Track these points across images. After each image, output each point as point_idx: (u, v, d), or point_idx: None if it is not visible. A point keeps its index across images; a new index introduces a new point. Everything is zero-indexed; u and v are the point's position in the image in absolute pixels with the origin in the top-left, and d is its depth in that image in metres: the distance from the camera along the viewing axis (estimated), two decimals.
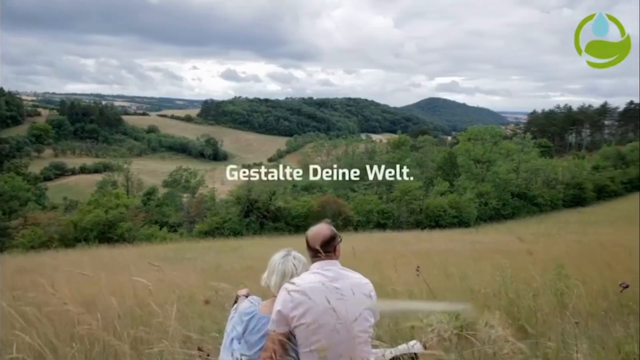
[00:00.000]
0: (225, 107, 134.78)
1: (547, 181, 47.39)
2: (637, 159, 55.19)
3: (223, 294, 4.84)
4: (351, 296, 2.28)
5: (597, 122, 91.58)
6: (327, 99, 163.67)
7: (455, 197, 39.90)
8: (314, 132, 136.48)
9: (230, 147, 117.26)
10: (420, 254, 11.71)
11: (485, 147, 47.65)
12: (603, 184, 49.65)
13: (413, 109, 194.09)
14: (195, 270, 11.24)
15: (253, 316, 2.49)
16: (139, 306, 3.96)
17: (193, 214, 36.12)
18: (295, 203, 36.28)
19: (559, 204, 45.94)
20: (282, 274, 2.45)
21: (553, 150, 73.41)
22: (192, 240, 29.66)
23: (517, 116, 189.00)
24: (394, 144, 61.46)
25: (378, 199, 39.88)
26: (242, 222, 33.93)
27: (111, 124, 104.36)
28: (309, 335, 2.23)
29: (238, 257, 16.93)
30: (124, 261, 15.88)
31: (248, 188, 35.59)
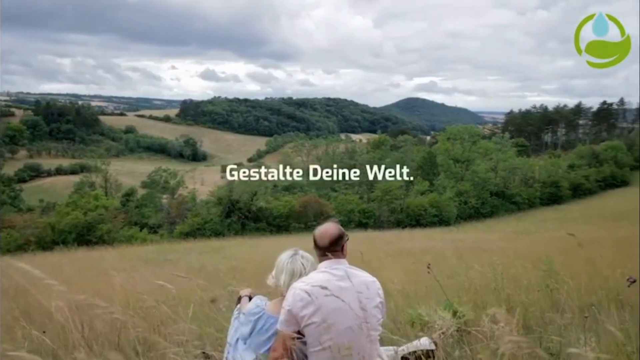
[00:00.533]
0: (204, 107, 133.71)
1: (524, 180, 48.20)
2: (610, 158, 56.53)
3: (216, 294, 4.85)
4: (360, 294, 2.28)
5: (571, 122, 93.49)
6: (307, 99, 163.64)
7: (435, 196, 40.31)
8: (293, 132, 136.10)
9: (209, 148, 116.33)
10: (404, 253, 11.82)
11: (464, 147, 48.26)
12: (578, 182, 50.73)
13: (392, 109, 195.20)
14: (178, 272, 11.14)
15: (261, 316, 2.48)
16: (136, 310, 3.93)
17: (174, 215, 35.75)
18: (277, 203, 36.22)
19: (536, 202, 46.79)
20: (291, 273, 2.44)
21: (530, 149, 74.73)
22: (173, 242, 29.43)
23: (494, 116, 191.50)
24: (374, 144, 61.88)
25: (359, 198, 40.07)
26: (224, 223, 33.73)
27: (88, 124, 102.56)
28: (320, 335, 2.22)
29: (221, 257, 16.83)
30: (105, 263, 15.70)
31: (229, 188, 35.39)
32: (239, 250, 20.82)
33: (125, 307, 4.09)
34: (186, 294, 5.17)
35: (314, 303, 2.22)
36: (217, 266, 12.92)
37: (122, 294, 5.29)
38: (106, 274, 10.18)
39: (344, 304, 2.20)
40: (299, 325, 2.25)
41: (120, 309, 4.09)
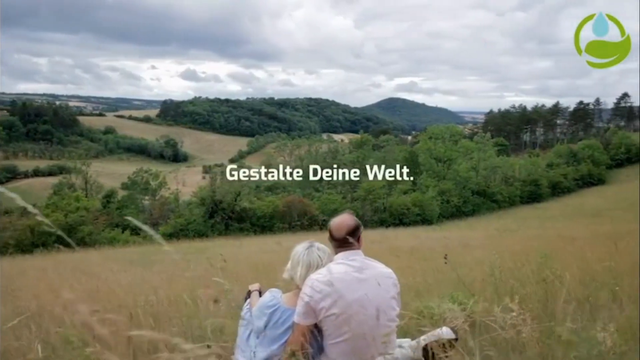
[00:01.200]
0: (185, 108, 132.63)
1: (505, 178, 48.91)
2: (587, 157, 57.69)
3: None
4: (378, 286, 2.28)
5: (549, 122, 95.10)
6: (288, 99, 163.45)
7: (418, 195, 40.65)
8: (275, 133, 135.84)
9: (190, 148, 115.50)
10: (395, 251, 11.88)
11: (446, 146, 48.76)
12: (557, 180, 51.69)
13: (373, 109, 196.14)
14: (166, 273, 11.06)
15: (276, 309, 2.44)
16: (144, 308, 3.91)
17: (156, 216, 35.41)
18: (261, 203, 36.11)
19: (517, 201, 47.53)
20: (308, 265, 2.41)
21: (509, 148, 75.91)
22: (156, 243, 29.06)
23: (473, 116, 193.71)
24: (356, 144, 62.03)
25: (342, 198, 40.18)
26: (207, 224, 33.52)
27: (66, 124, 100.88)
28: (338, 326, 2.21)
29: (207, 257, 16.71)
30: (91, 265, 15.49)
31: (213, 189, 35.20)
32: (226, 250, 20.61)
33: (131, 306, 4.07)
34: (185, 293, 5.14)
35: (332, 295, 2.21)
36: (207, 266, 12.85)
37: (125, 293, 5.27)
38: (102, 275, 10.07)
39: (363, 295, 2.21)
40: (316, 318, 2.25)
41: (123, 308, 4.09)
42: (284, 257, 8.76)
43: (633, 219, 24.36)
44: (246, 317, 2.68)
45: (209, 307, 4.38)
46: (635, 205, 37.62)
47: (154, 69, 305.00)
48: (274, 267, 9.75)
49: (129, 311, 4.18)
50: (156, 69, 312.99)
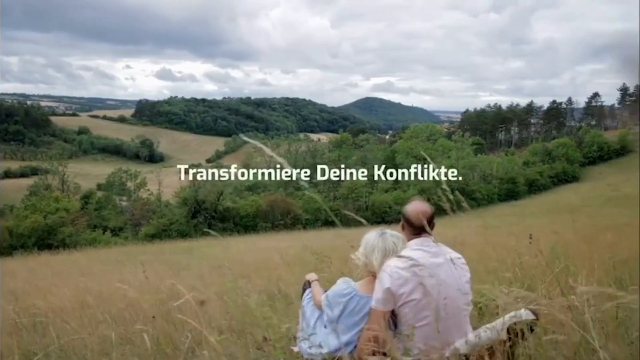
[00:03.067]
0: (160, 107, 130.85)
1: (483, 177, 49.71)
2: (562, 155, 59.08)
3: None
4: (453, 270, 2.33)
5: (524, 121, 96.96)
6: (265, 99, 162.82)
7: (399, 193, 41.03)
8: (252, 132, 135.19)
9: (166, 148, 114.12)
10: None
11: (426, 145, 49.35)
12: (533, 178, 52.81)
13: (350, 109, 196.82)
14: (156, 272, 10.98)
15: (352, 296, 2.44)
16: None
17: (138, 216, 34.94)
18: (243, 203, 35.99)
19: (495, 198, 48.36)
20: (384, 252, 2.42)
21: (485, 147, 77.14)
22: (139, 244, 28.77)
23: (449, 115, 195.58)
24: (335, 143, 62.34)
25: (324, 197, 40.27)
26: (190, 224, 33.26)
27: (38, 125, 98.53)
28: (419, 311, 2.23)
29: (199, 258, 16.62)
30: (77, 267, 15.25)
31: (195, 189, 34.91)
32: (212, 250, 20.56)
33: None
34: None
35: (412, 280, 2.24)
36: (198, 266, 12.80)
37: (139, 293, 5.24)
38: (102, 275, 9.97)
39: (441, 280, 2.24)
40: (395, 304, 2.27)
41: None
42: (278, 255, 8.85)
43: (608, 215, 25.09)
44: (308, 307, 2.73)
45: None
46: (609, 202, 38.78)
47: (128, 69, 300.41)
48: (273, 264, 9.79)
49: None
50: (131, 68, 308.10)
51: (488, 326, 2.24)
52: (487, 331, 2.18)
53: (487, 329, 2.20)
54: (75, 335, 2.87)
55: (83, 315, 3.76)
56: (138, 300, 4.63)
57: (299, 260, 9.53)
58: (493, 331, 2.16)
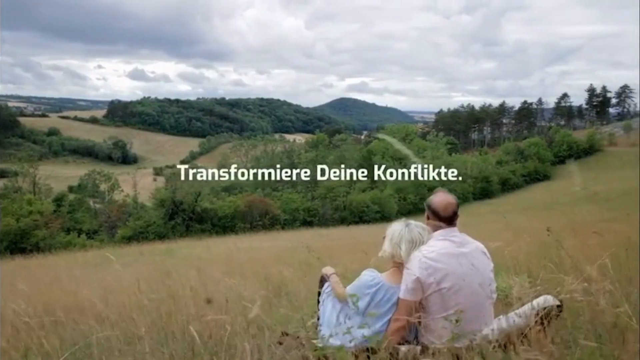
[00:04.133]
0: (133, 108, 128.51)
1: (458, 176, 50.46)
2: (533, 154, 60.47)
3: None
4: (478, 260, 2.40)
5: (496, 121, 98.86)
6: (240, 100, 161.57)
7: (376, 193, 41.35)
8: (227, 133, 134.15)
9: (140, 150, 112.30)
10: (373, 245, 12.14)
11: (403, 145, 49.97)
12: (506, 177, 53.94)
13: (325, 109, 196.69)
14: (148, 274, 10.89)
15: (380, 287, 2.47)
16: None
17: (114, 219, 34.38)
18: (222, 204, 35.76)
19: (470, 197, 49.16)
20: (411, 242, 2.45)
21: (459, 146, 78.31)
22: (116, 246, 28.35)
23: (422, 115, 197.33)
24: (312, 143, 62.50)
25: (302, 197, 40.33)
26: (167, 225, 32.90)
27: (5, 126, 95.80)
28: (447, 300, 2.28)
29: (178, 259, 16.49)
30: (57, 271, 15.02)
31: (172, 190, 34.55)
32: (192, 251, 20.44)
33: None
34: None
35: (441, 269, 2.30)
36: (183, 268, 12.72)
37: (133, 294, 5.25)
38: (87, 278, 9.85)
39: (467, 269, 2.31)
40: (424, 293, 2.32)
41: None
42: (260, 255, 8.95)
43: (578, 212, 25.83)
44: (328, 300, 2.74)
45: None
46: (580, 200, 39.81)
47: (100, 68, 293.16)
48: (259, 263, 9.83)
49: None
50: (103, 68, 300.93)
51: (518, 312, 2.32)
52: (517, 317, 2.26)
53: (517, 315, 2.28)
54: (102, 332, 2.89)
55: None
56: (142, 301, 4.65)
57: (290, 258, 9.62)
58: (523, 317, 2.24)
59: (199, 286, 5.78)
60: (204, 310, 3.79)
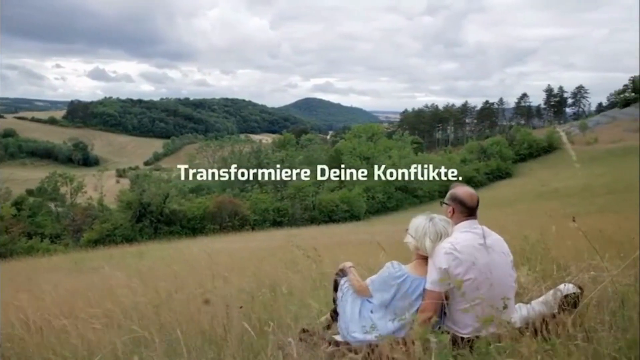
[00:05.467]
0: (94, 108, 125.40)
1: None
2: (496, 152, 62.09)
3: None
4: (500, 251, 2.49)
5: (459, 120, 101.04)
6: (205, 100, 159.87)
7: (345, 192, 41.60)
8: (192, 134, 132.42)
9: (101, 151, 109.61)
10: (353, 244, 12.30)
11: (369, 145, 50.45)
12: (470, 175, 55.06)
13: (290, 109, 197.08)
14: (119, 278, 10.68)
15: (405, 279, 2.51)
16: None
17: (79, 222, 33.44)
18: (190, 205, 35.28)
19: (436, 195, 49.97)
20: (435, 235, 2.50)
21: (424, 146, 79.65)
22: (82, 251, 27.54)
23: (387, 115, 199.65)
24: (279, 144, 62.38)
25: (271, 197, 40.18)
26: (135, 228, 32.24)
27: None
28: (472, 291, 2.32)
29: (153, 262, 16.19)
30: (23, 277, 14.55)
31: (140, 192, 33.87)
32: (164, 254, 20.04)
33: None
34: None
35: (466, 261, 2.36)
36: (161, 270, 12.52)
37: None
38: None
39: (491, 261, 2.39)
40: (449, 284, 2.36)
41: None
42: (241, 255, 8.94)
43: (540, 208, 26.67)
44: (348, 293, 2.78)
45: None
46: (540, 196, 41.10)
47: (58, 68, 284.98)
48: (241, 263, 9.82)
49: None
50: (61, 67, 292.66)
51: (540, 300, 2.44)
52: (540, 305, 2.38)
53: (540, 303, 2.40)
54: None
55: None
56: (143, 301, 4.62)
57: (273, 257, 9.62)
58: (546, 305, 2.36)
59: (190, 287, 5.77)
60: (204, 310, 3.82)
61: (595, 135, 75.02)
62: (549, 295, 2.41)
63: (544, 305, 2.37)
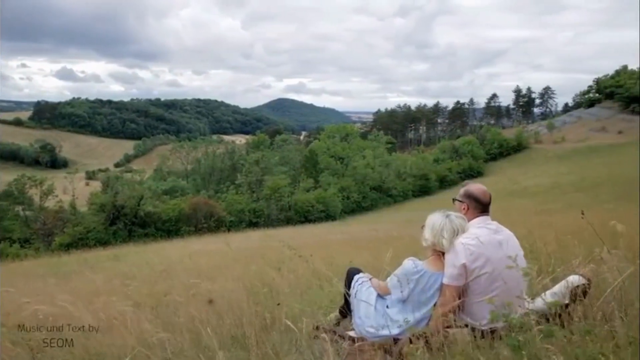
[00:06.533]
0: (62, 109, 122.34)
1: (398, 174, 51.92)
2: (468, 152, 63.22)
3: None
4: (513, 245, 2.59)
5: (431, 120, 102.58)
6: (176, 100, 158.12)
7: (321, 192, 41.73)
8: (163, 135, 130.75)
9: (70, 153, 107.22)
10: (332, 244, 12.36)
11: (343, 145, 50.73)
12: (443, 174, 56.09)
13: (263, 110, 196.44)
14: (95, 283, 10.52)
15: (423, 274, 2.58)
16: None
17: (50, 226, 32.61)
18: (165, 207, 34.82)
19: (409, 194, 50.76)
20: (452, 231, 2.56)
21: (397, 145, 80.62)
22: (54, 255, 26.87)
23: (359, 115, 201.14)
24: (253, 144, 62.21)
25: (247, 198, 40.02)
26: (109, 231, 31.66)
27: None
28: (489, 284, 2.42)
29: (131, 265, 15.93)
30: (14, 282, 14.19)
31: (114, 194, 33.27)
32: (143, 257, 19.67)
33: None
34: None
35: (483, 255, 2.44)
36: (144, 273, 12.35)
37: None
38: None
39: (505, 254, 2.47)
40: (467, 278, 2.45)
41: None
42: (223, 256, 8.94)
43: (512, 206, 27.23)
44: (364, 288, 2.87)
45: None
46: (512, 194, 41.98)
47: (24, 67, 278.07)
48: (226, 264, 9.79)
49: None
50: (27, 67, 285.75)
51: (553, 291, 2.53)
52: (553, 296, 2.47)
53: (552, 294, 2.50)
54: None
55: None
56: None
57: (258, 258, 9.63)
58: (559, 295, 2.46)
59: (183, 288, 5.76)
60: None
61: (562, 134, 77.13)
62: (561, 286, 2.52)
63: (556, 296, 2.47)
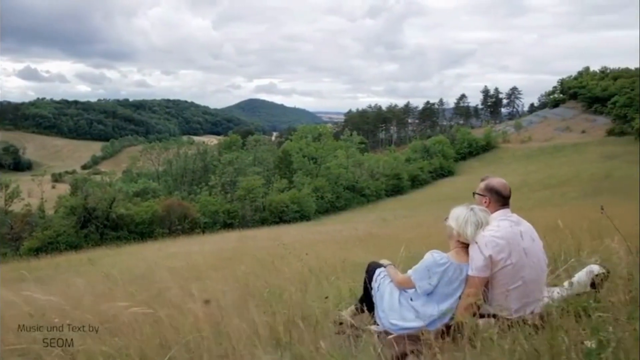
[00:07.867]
0: (26, 110, 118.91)
1: (371, 174, 52.40)
2: (438, 151, 64.29)
3: None
4: (533, 237, 2.69)
5: (402, 120, 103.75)
6: (145, 101, 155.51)
7: (294, 192, 41.76)
8: (132, 136, 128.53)
9: (34, 155, 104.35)
10: (316, 243, 12.46)
11: (316, 145, 50.87)
12: (415, 173, 56.89)
13: (233, 110, 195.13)
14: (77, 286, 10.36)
15: (449, 266, 2.63)
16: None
17: (17, 230, 31.69)
18: (138, 209, 34.23)
19: (382, 194, 51.29)
20: (477, 224, 2.62)
21: (368, 145, 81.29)
22: (22, 260, 26.07)
23: (330, 115, 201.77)
24: (225, 145, 61.82)
25: (221, 199, 39.72)
26: (80, 234, 30.94)
27: None
28: (513, 275, 2.50)
29: (107, 269, 15.65)
30: None
31: (84, 196, 32.55)
32: (118, 259, 19.37)
33: None
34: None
35: (507, 247, 2.52)
36: (124, 278, 12.18)
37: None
38: None
39: (527, 246, 2.58)
40: (492, 270, 2.52)
41: None
42: (204, 259, 9.01)
43: None
44: (385, 282, 2.90)
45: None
46: None
47: None
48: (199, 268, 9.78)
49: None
50: None
51: (573, 280, 2.66)
52: (575, 284, 2.62)
53: (575, 282, 2.63)
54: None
55: None
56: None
57: (245, 257, 9.66)
58: (580, 284, 2.61)
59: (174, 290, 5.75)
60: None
61: (529, 134, 79.22)
62: (582, 275, 2.67)
63: (578, 285, 2.62)
